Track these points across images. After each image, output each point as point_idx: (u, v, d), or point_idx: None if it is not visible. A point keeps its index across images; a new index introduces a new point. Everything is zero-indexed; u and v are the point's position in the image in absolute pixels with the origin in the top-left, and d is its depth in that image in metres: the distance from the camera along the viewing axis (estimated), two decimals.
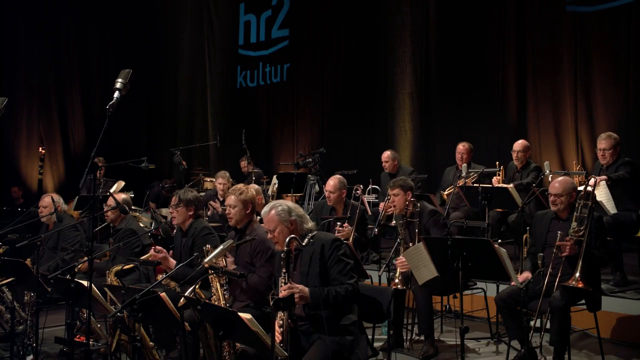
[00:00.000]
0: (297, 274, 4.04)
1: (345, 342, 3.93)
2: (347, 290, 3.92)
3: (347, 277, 3.95)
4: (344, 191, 6.73)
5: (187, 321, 4.27)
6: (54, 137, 13.48)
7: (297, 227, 4.11)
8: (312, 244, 4.02)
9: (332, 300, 3.89)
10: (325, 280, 3.97)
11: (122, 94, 3.69)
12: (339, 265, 3.96)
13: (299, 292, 3.85)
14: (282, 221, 4.09)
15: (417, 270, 5.13)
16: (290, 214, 4.12)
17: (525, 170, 7.39)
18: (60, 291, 4.68)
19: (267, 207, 4.19)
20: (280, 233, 4.08)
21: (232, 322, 3.63)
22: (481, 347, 5.70)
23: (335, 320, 3.96)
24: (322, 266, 3.97)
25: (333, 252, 3.98)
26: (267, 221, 4.12)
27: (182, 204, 5.47)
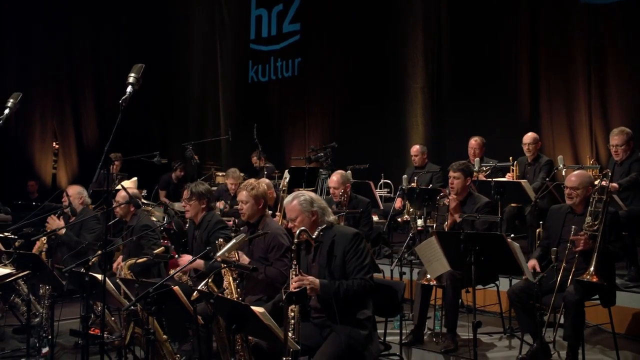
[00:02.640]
0: (317, 266, 4.06)
1: (360, 336, 3.94)
2: (359, 285, 3.92)
3: (362, 272, 3.96)
4: (349, 185, 6.73)
5: (200, 314, 4.29)
6: (67, 132, 13.54)
7: (318, 219, 4.12)
8: (334, 237, 4.02)
9: (343, 294, 3.89)
10: (344, 273, 3.97)
11: (135, 89, 3.70)
12: (357, 259, 3.98)
13: (310, 284, 3.86)
14: (304, 211, 4.11)
15: (430, 264, 5.12)
16: (313, 204, 4.14)
17: (537, 163, 7.34)
18: (75, 284, 4.71)
19: (291, 196, 4.22)
20: (301, 222, 4.10)
21: (245, 315, 3.64)
22: (494, 341, 5.68)
23: (350, 315, 3.96)
24: (342, 259, 3.98)
25: (353, 246, 4.00)
26: (289, 210, 4.14)
27: (195, 197, 5.48)
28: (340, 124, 11.92)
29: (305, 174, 8.38)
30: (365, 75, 11.46)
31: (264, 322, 3.55)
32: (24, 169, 12.76)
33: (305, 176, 8.37)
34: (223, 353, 4.40)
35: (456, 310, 5.41)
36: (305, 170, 8.44)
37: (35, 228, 6.99)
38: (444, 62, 10.37)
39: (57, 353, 5.66)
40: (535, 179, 7.21)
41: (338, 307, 3.86)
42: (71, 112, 13.57)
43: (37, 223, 6.95)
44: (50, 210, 7.18)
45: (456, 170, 5.84)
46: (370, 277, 3.98)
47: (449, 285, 5.33)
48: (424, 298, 5.57)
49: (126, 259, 5.48)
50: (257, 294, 4.85)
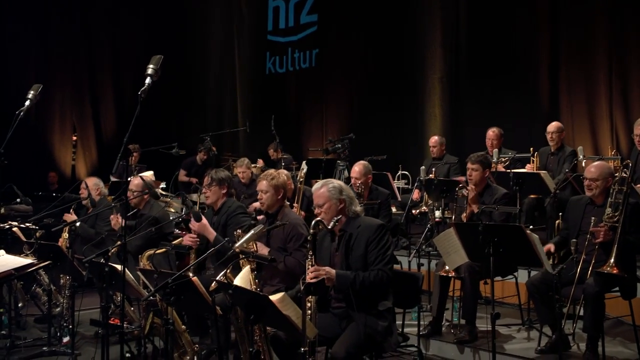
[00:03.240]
0: (340, 255, 4.08)
1: (379, 327, 3.95)
2: (375, 276, 3.92)
3: (382, 263, 3.98)
4: (370, 176, 6.73)
5: (218, 305, 4.32)
6: (86, 123, 13.63)
7: (345, 207, 4.14)
8: (359, 227, 4.03)
9: (359, 285, 3.90)
10: (366, 263, 4.00)
11: (154, 80, 3.72)
12: (379, 250, 3.99)
13: (326, 274, 3.87)
14: (332, 198, 4.12)
15: (448, 256, 5.11)
16: (342, 192, 4.16)
17: (561, 153, 7.25)
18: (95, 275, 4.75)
19: (320, 183, 4.24)
20: (328, 209, 4.11)
21: (264, 306, 3.66)
22: (512, 333, 5.66)
23: (370, 305, 3.97)
24: (365, 249, 4.00)
25: (377, 237, 4.02)
26: (317, 196, 4.16)
27: (215, 182, 5.51)
28: (358, 115, 11.90)
29: (323, 166, 8.37)
30: (383, 66, 11.41)
31: (282, 313, 3.57)
32: (44, 161, 12.87)
33: (322, 167, 8.36)
34: (241, 343, 4.42)
35: (474, 302, 5.40)
36: (322, 162, 8.43)
37: (56, 219, 7.07)
38: (462, 52, 10.30)
39: (77, 342, 5.72)
40: (559, 169, 7.12)
41: (357, 298, 3.87)
42: (90, 104, 13.65)
43: (57, 214, 7.02)
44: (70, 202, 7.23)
45: (474, 161, 5.82)
46: (389, 268, 3.98)
47: (467, 276, 5.33)
48: (442, 289, 5.57)
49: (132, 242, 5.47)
50: (275, 284, 4.87)
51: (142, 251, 5.87)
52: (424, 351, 5.41)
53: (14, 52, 12.58)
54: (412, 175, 9.37)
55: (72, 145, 13.42)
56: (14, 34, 12.64)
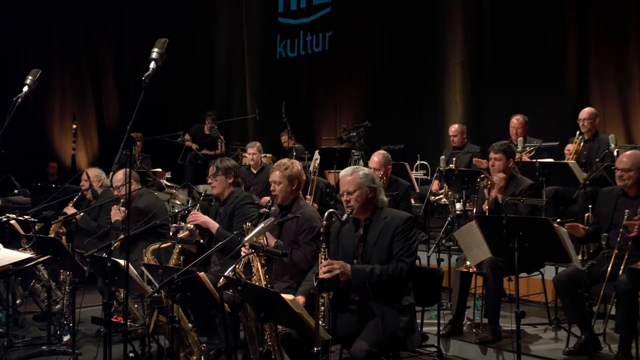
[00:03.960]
0: (363, 247, 4.08)
1: (401, 323, 3.94)
2: (394, 269, 3.91)
3: (406, 254, 3.98)
4: (389, 167, 6.71)
5: (226, 302, 4.31)
6: (87, 111, 13.69)
7: (375, 196, 4.14)
8: (385, 218, 4.04)
9: (376, 279, 3.89)
10: (390, 256, 4.00)
11: (159, 65, 3.71)
12: (404, 243, 3.99)
13: (340, 269, 3.86)
14: (363, 185, 4.11)
15: (469, 250, 5.09)
16: (374, 181, 4.16)
17: (596, 140, 7.15)
18: (97, 270, 4.77)
19: (349, 169, 4.22)
20: (358, 197, 4.10)
21: (274, 303, 3.65)
22: (539, 333, 5.64)
23: (392, 300, 3.97)
24: (390, 240, 4.01)
25: (404, 229, 4.01)
26: (346, 183, 4.14)
27: (221, 172, 5.51)
28: (373, 101, 11.85)
29: (337, 155, 8.35)
30: (401, 50, 11.36)
31: (294, 310, 3.55)
32: (43, 150, 12.95)
33: (336, 157, 8.34)
34: (251, 343, 4.42)
35: (498, 300, 5.38)
36: (336, 151, 8.41)
37: (55, 211, 7.10)
38: (485, 35, 10.22)
39: (78, 341, 5.74)
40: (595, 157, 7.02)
41: (376, 293, 3.85)
42: (91, 90, 13.70)
43: (56, 206, 7.05)
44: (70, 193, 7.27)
45: (497, 150, 5.79)
46: (411, 261, 3.99)
47: (490, 272, 5.30)
48: (463, 286, 5.55)
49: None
50: (286, 281, 4.86)
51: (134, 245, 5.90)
52: (444, 351, 5.39)
53: (11, 35, 12.62)
54: (432, 166, 9.34)
55: (73, 134, 13.48)
56: (12, 17, 12.67)
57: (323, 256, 3.90)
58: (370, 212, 4.14)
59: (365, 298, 3.95)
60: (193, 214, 5.32)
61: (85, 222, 6.94)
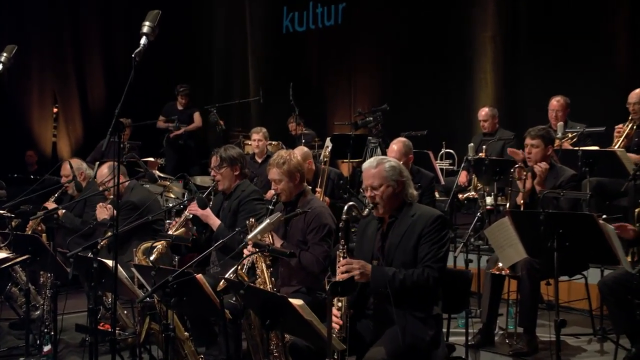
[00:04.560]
0: (385, 246, 4.08)
1: (425, 336, 3.92)
2: (420, 276, 3.89)
3: (432, 260, 3.94)
4: (411, 156, 6.71)
5: (227, 308, 4.32)
6: (69, 93, 13.70)
7: (402, 191, 4.12)
8: (413, 215, 4.04)
9: (398, 284, 3.88)
10: (415, 258, 3.99)
11: (150, 40, 3.71)
12: (432, 245, 3.96)
13: (360, 269, 3.86)
14: (390, 179, 4.09)
15: (502, 250, 5.09)
16: (402, 174, 4.13)
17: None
18: (81, 272, 4.78)
19: (373, 160, 4.19)
20: (383, 193, 4.07)
21: (281, 309, 3.65)
22: (582, 344, 5.63)
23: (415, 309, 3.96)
24: (417, 241, 4.00)
25: (433, 229, 3.99)
26: (370, 176, 4.12)
27: (226, 163, 5.51)
28: (392, 82, 11.84)
29: (351, 143, 8.35)
30: (424, 23, 11.34)
31: (304, 317, 3.56)
32: (19, 137, 12.95)
33: (350, 145, 8.35)
34: (255, 353, 4.44)
35: (534, 306, 5.37)
36: (350, 138, 8.41)
37: (34, 206, 7.12)
38: (520, 4, 10.17)
39: (61, 352, 5.77)
40: None
41: (397, 299, 3.85)
42: (74, 69, 13.71)
43: (35, 200, 7.07)
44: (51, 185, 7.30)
45: (534, 137, 5.78)
46: (439, 268, 3.95)
47: (526, 275, 5.30)
48: (495, 291, 5.55)
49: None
50: (294, 285, 4.87)
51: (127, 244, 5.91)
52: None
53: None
54: (459, 155, 9.35)
55: (53, 118, 13.50)
56: None
57: (341, 255, 3.89)
58: (396, 208, 4.12)
59: (385, 303, 3.95)
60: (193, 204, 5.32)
61: (68, 218, 6.97)
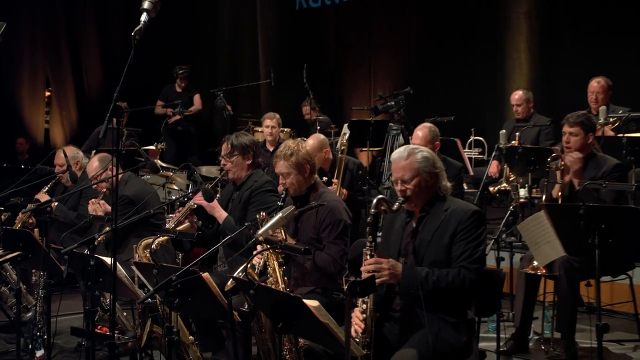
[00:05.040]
0: (415, 243, 4.07)
1: (456, 342, 3.92)
2: (456, 276, 3.87)
3: (468, 260, 3.92)
4: (437, 143, 6.69)
5: (236, 310, 4.33)
6: (63, 76, 13.72)
7: (435, 183, 4.11)
8: (446, 210, 4.03)
9: (431, 286, 3.86)
10: (449, 258, 3.98)
11: (152, 17, 3.71)
12: (468, 243, 3.94)
13: (389, 269, 3.84)
14: (423, 171, 4.07)
15: (538, 248, 5.09)
16: (435, 164, 4.11)
17: None
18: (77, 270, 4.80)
19: (404, 150, 4.16)
20: (416, 187, 4.05)
21: (295, 310, 3.65)
22: (626, 351, 5.63)
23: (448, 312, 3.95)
24: (450, 239, 3.98)
25: (469, 226, 3.96)
26: (400, 168, 4.09)
27: (237, 150, 5.51)
28: (416, 63, 11.83)
29: (371, 130, 8.32)
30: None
31: (320, 320, 3.56)
32: (9, 124, 13.00)
33: (370, 132, 8.32)
34: (266, 359, 4.45)
35: (573, 309, 5.36)
36: (370, 125, 8.38)
37: (25, 198, 7.15)
38: None
39: (55, 357, 5.81)
40: None
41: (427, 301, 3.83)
42: (68, 49, 13.73)
43: (26, 191, 7.10)
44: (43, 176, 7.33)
45: (573, 123, 5.76)
46: (476, 269, 3.93)
47: (563, 275, 5.28)
48: (529, 292, 5.54)
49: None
50: (308, 285, 4.88)
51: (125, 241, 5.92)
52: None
53: None
54: (489, 143, 9.33)
55: (45, 103, 13.55)
56: None
57: (368, 252, 3.88)
58: (428, 202, 4.10)
59: (412, 305, 3.94)
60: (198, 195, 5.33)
61: (61, 211, 7.00)
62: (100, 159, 6.53)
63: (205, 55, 14.60)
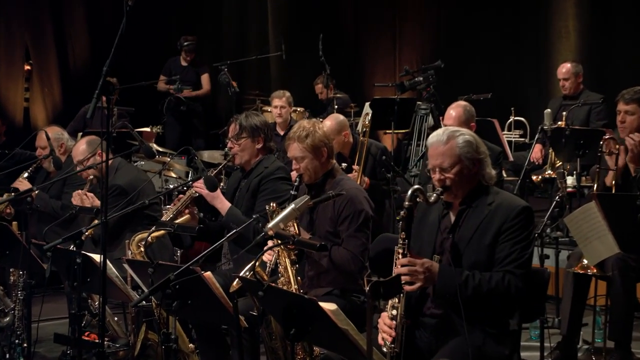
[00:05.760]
0: (454, 241, 4.03)
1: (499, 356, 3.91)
2: (500, 282, 3.83)
3: (514, 264, 3.87)
4: (473, 125, 6.66)
5: (242, 314, 4.34)
6: (45, 48, 13.72)
7: (479, 171, 4.06)
8: (491, 204, 4.00)
9: (471, 291, 3.83)
10: (491, 259, 3.94)
11: None
12: (514, 245, 3.90)
13: (424, 272, 3.81)
14: (465, 158, 4.02)
15: (588, 244, 5.08)
16: (478, 149, 4.07)
17: None
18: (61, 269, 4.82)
19: (443, 133, 4.11)
20: (457, 175, 4.00)
21: (310, 315, 3.65)
22: None
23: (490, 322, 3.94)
24: (494, 238, 3.94)
25: (516, 224, 3.92)
26: (439, 154, 4.05)
27: (246, 133, 5.51)
28: (447, 33, 11.86)
29: (396, 109, 8.32)
30: None
31: (338, 326, 3.56)
32: None
33: (395, 112, 8.31)
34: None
35: (629, 315, 5.36)
36: (395, 103, 8.38)
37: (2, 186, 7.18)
38: None
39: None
40: None
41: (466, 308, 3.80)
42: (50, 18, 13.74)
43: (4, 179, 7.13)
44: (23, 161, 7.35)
45: (629, 100, 5.75)
46: (522, 275, 3.88)
47: (618, 275, 5.26)
48: (578, 295, 5.53)
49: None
50: (324, 286, 4.88)
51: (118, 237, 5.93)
52: None
53: None
54: (532, 124, 9.32)
55: (25, 79, 13.57)
56: None
57: (400, 251, 3.84)
58: (470, 193, 4.06)
59: (449, 312, 3.93)
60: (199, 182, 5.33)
61: (43, 201, 7.01)
62: (88, 142, 6.52)
63: (207, 24, 14.59)
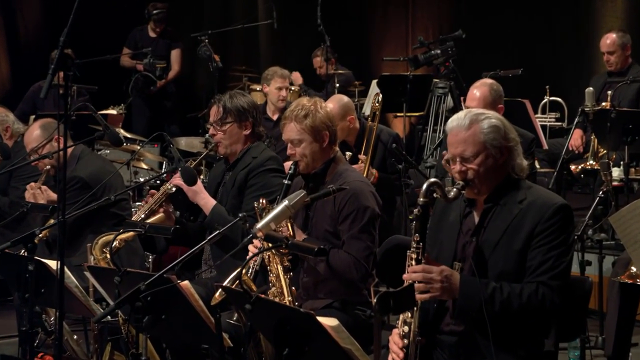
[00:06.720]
0: (477, 245, 4.01)
1: None
2: (532, 296, 3.82)
3: (548, 274, 3.85)
4: (501, 107, 6.67)
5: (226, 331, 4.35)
6: None
7: (507, 162, 4.03)
8: (521, 201, 3.97)
9: (499, 307, 3.81)
10: (522, 267, 3.92)
11: None
12: (549, 251, 3.87)
13: (441, 281, 3.80)
14: (491, 146, 3.98)
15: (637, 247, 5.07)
16: (507, 135, 4.04)
17: None
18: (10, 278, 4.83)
19: (464, 117, 4.06)
20: (481, 166, 3.97)
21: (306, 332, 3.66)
22: None
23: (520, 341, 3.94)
24: (526, 243, 3.91)
25: (551, 227, 3.89)
26: (460, 141, 4.01)
27: (231, 117, 5.50)
28: None
29: (408, 87, 8.34)
30: None
31: (338, 344, 3.57)
32: None
33: (407, 91, 8.33)
34: None
35: None
36: (407, 81, 8.40)
37: None
38: None
39: None
40: None
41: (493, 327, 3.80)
42: None
43: None
44: None
45: None
46: (559, 287, 3.86)
47: None
48: (626, 309, 5.54)
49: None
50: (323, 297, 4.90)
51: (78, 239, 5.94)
52: None
53: None
54: (570, 105, 9.34)
55: None
56: None
57: (414, 256, 3.84)
58: (497, 188, 4.04)
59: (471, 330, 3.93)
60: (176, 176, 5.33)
61: None
62: (42, 126, 6.51)
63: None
